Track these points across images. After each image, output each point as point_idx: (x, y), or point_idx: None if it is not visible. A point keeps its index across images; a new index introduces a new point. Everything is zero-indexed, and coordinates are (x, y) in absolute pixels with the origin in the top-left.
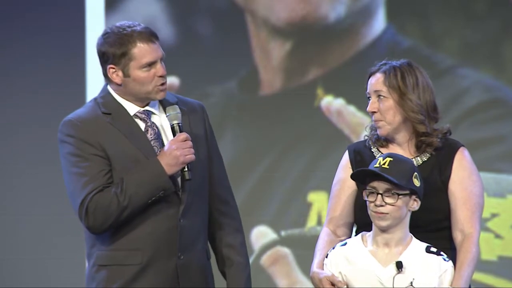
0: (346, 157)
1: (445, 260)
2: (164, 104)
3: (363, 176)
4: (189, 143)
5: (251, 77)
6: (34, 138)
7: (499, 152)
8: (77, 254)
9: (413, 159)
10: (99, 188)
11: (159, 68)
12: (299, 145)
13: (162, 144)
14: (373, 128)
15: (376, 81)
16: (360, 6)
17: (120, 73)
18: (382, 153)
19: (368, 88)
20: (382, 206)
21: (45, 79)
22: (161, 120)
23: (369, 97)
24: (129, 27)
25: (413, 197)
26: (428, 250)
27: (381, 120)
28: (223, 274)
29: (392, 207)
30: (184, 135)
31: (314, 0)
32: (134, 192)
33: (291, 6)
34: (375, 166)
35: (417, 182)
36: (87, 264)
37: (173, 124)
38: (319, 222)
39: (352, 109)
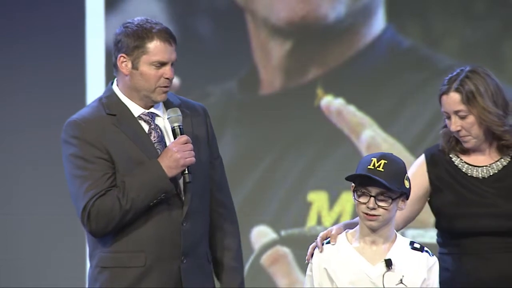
0: (422, 159)
1: (430, 255)
2: (167, 107)
3: (355, 176)
4: (190, 145)
5: (251, 77)
6: (34, 138)
7: None
8: (77, 254)
9: (494, 164)
10: (101, 192)
11: (168, 70)
12: (299, 145)
13: (165, 147)
14: (448, 136)
15: (453, 102)
16: (360, 6)
17: (130, 64)
18: (461, 160)
19: (444, 108)
20: (374, 209)
21: (45, 79)
22: (165, 122)
23: (447, 117)
24: (150, 23)
25: (402, 197)
26: (412, 247)
27: (468, 135)
28: (217, 277)
29: (385, 210)
30: (185, 137)
31: (314, 0)
32: (136, 195)
33: (291, 6)
34: (368, 167)
35: (407, 184)
36: (88, 265)
37: (174, 127)
38: (319, 222)
39: (352, 109)
